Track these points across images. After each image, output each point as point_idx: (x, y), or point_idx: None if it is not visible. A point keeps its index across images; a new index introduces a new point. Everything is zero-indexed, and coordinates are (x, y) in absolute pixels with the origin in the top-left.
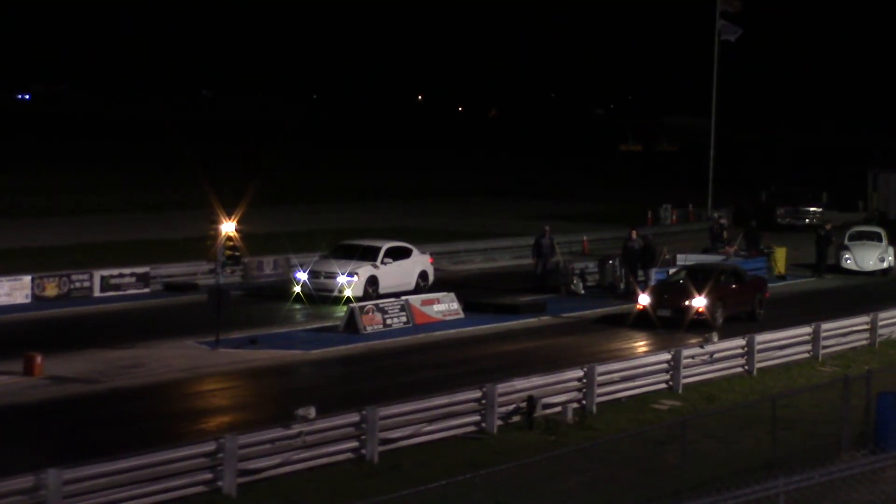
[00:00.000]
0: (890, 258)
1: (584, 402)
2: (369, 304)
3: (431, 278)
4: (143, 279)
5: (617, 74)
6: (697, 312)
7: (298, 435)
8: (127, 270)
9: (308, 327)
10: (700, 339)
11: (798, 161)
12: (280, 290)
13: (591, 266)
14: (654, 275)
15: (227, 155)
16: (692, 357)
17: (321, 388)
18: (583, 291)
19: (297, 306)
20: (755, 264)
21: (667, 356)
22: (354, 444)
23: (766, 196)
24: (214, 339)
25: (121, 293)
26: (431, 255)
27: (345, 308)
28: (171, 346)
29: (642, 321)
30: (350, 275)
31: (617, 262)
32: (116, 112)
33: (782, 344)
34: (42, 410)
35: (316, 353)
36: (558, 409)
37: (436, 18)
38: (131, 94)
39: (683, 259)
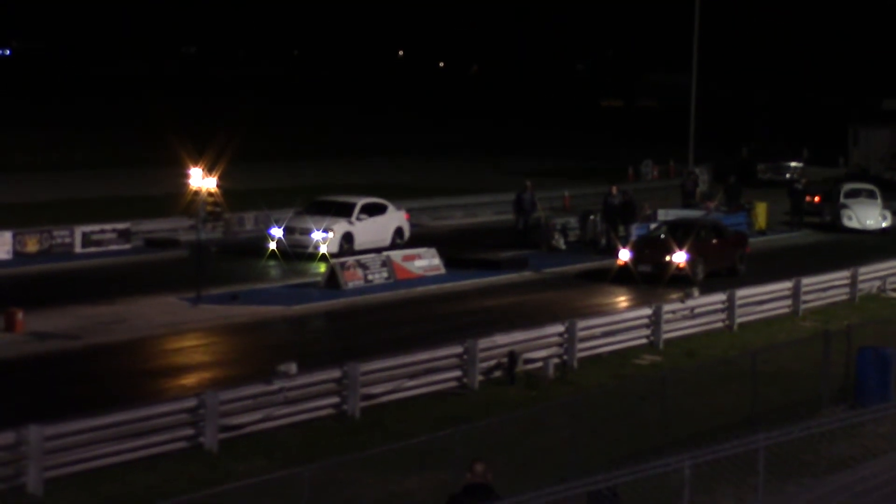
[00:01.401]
0: (889, 216)
1: (565, 357)
2: (350, 259)
3: (407, 234)
4: (125, 235)
5: (597, 30)
6: (678, 268)
7: (280, 391)
8: (108, 226)
9: (289, 283)
10: (681, 295)
11: (778, 116)
12: (261, 246)
13: (573, 221)
14: (635, 230)
15: (207, 112)
16: (673, 312)
17: (303, 344)
18: (564, 247)
19: (272, 263)
20: (735, 219)
21: (648, 311)
22: (336, 399)
23: (746, 152)
24: (196, 295)
25: (102, 249)
26: (408, 211)
27: (320, 264)
28: (153, 302)
29: (623, 277)
30: (325, 231)
31: (598, 218)
32: (96, 68)
33: (763, 299)
34: (23, 366)
35: (297, 308)
36: (540, 364)
37: None
38: (111, 51)
39: (664, 215)
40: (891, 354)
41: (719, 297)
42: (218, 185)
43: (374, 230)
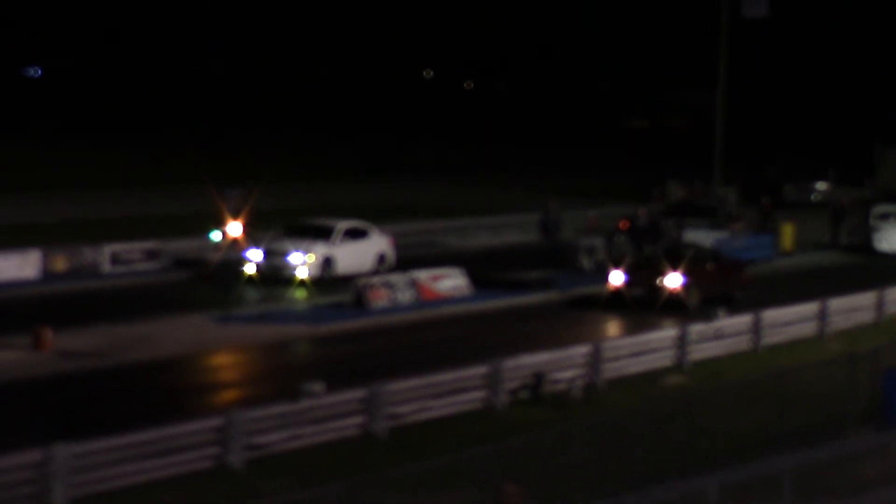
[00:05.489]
0: None
1: (591, 377)
2: (377, 279)
3: (392, 260)
4: (153, 254)
5: (625, 49)
6: (672, 292)
7: (306, 410)
8: (136, 245)
9: (317, 303)
10: (708, 316)
11: (802, 136)
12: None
13: (599, 242)
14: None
15: (237, 130)
16: (699, 333)
17: (329, 364)
18: (589, 267)
19: (249, 287)
20: (762, 240)
21: (674, 332)
22: (362, 419)
23: (772, 172)
24: (223, 314)
25: (130, 268)
26: (393, 235)
27: (299, 289)
28: (180, 322)
29: (615, 301)
30: (304, 254)
31: (624, 239)
32: (125, 88)
33: (789, 320)
34: (51, 385)
35: (324, 328)
36: (566, 384)
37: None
38: (139, 70)
39: (692, 235)
40: None
41: (746, 318)
42: (245, 225)
43: (355, 254)
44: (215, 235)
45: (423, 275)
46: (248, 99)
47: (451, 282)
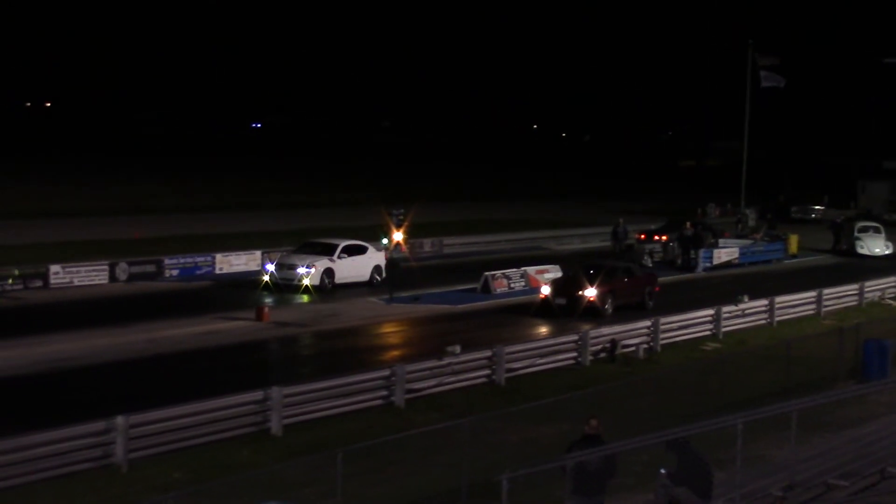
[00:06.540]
0: (891, 245)
1: (651, 343)
2: (499, 272)
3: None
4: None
5: (678, 110)
6: (589, 301)
7: (448, 365)
8: None
9: (456, 288)
10: (737, 299)
11: (805, 172)
12: (430, 263)
13: (657, 247)
14: (702, 254)
15: (399, 166)
16: (729, 312)
17: (465, 332)
18: (650, 265)
19: (266, 293)
20: (774, 247)
21: (711, 311)
22: (488, 371)
23: (783, 198)
24: (389, 296)
25: None
26: (387, 251)
27: (304, 295)
28: (359, 302)
29: (544, 308)
30: (308, 267)
31: (675, 245)
32: (322, 135)
33: (795, 304)
34: (268, 346)
35: (461, 307)
36: (633, 348)
37: (543, 68)
38: (331, 124)
39: (724, 243)
40: (888, 345)
41: (763, 302)
42: (405, 232)
43: (353, 267)
44: (384, 241)
45: (531, 269)
46: (411, 145)
47: (552, 274)
